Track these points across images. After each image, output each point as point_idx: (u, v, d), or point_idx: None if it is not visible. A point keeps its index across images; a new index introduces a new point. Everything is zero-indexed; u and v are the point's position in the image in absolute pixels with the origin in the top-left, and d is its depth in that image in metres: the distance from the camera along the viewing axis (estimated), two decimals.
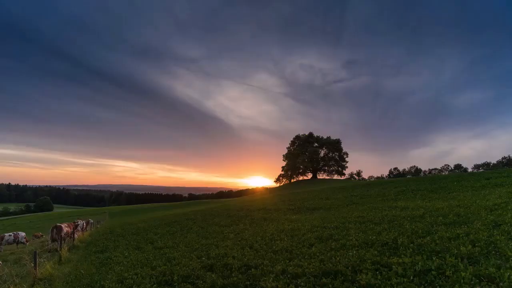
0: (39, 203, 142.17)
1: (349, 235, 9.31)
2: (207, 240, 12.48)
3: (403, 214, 11.62)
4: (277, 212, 20.04)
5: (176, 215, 28.93)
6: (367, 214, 13.32)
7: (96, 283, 7.90)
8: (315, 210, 19.01)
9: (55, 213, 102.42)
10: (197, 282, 6.87)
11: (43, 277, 9.20)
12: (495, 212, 9.65)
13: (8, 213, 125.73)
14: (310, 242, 9.27)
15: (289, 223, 14.10)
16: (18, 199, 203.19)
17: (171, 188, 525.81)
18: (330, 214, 15.35)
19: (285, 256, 7.97)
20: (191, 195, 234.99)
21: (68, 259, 12.35)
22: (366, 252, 7.13)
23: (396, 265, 5.89)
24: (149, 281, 7.34)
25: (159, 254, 10.70)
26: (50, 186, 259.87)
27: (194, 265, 8.23)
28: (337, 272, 6.10)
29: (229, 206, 29.98)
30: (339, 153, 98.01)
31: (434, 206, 12.86)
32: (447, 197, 15.90)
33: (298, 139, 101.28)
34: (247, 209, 23.18)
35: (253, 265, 7.47)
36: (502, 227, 7.52)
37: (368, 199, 20.53)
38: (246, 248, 9.70)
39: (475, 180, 22.05)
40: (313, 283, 5.74)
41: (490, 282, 4.57)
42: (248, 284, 6.27)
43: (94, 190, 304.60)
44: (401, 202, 16.64)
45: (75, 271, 9.82)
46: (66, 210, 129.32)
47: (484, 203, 11.51)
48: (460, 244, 6.60)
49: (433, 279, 4.98)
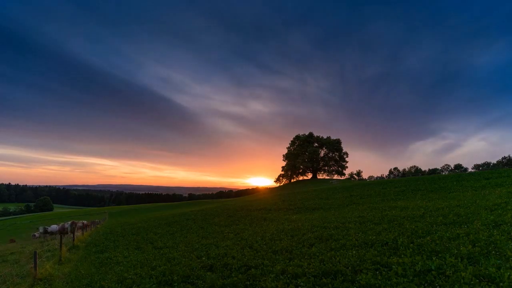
0: (39, 203, 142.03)
1: (349, 235, 9.31)
2: (207, 240, 12.48)
3: (403, 214, 11.62)
4: (277, 212, 20.04)
5: (176, 215, 28.94)
6: (367, 214, 13.32)
7: (96, 283, 7.90)
8: (315, 210, 19.01)
9: (55, 213, 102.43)
10: (197, 282, 6.87)
11: (43, 277, 9.20)
12: (495, 212, 9.65)
13: (8, 213, 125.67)
14: (310, 242, 9.27)
15: (289, 223, 14.10)
16: (18, 199, 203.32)
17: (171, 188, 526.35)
18: (330, 214, 15.35)
19: (285, 256, 7.97)
20: (191, 195, 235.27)
21: (68, 259, 12.35)
22: (366, 252, 7.13)
23: (396, 265, 5.89)
24: (149, 281, 7.34)
25: (159, 254, 10.70)
26: (50, 186, 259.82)
27: (194, 265, 8.23)
28: (337, 272, 6.10)
29: (229, 206, 29.97)
30: (339, 153, 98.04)
31: (434, 206, 12.86)
32: (447, 197, 15.90)
33: (298, 139, 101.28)
34: (247, 209, 23.18)
35: (253, 265, 7.47)
36: (502, 227, 7.52)
37: (368, 199, 20.53)
38: (246, 248, 9.70)
39: (475, 180, 22.06)
40: (313, 283, 5.74)
41: (490, 282, 4.57)
42: (248, 284, 6.27)
43: (94, 190, 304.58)
44: (401, 202, 16.65)
45: (75, 271, 9.82)
46: (66, 210, 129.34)
47: (484, 203, 11.51)
48: (460, 244, 6.60)
49: (433, 279, 4.98)
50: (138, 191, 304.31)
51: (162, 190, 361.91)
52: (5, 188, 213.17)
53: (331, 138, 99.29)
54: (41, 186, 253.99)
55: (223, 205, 35.12)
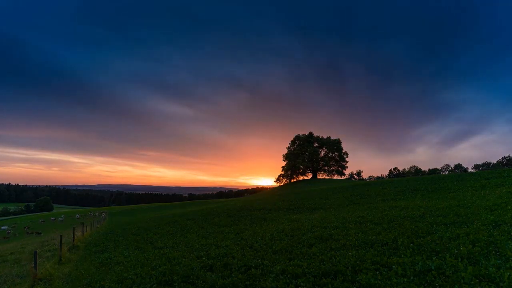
0: (39, 203, 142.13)
1: (349, 235, 9.32)
2: (207, 240, 12.49)
3: (403, 214, 11.63)
4: (277, 212, 20.05)
5: (176, 215, 28.94)
6: (367, 214, 13.32)
7: (96, 283, 7.90)
8: (315, 210, 19.02)
9: (55, 213, 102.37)
10: (197, 282, 6.87)
11: (43, 277, 9.20)
12: (495, 212, 9.65)
13: (8, 213, 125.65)
14: (310, 242, 9.27)
15: (289, 223, 14.11)
16: (18, 199, 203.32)
17: (171, 188, 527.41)
18: (330, 214, 15.35)
19: (285, 256, 7.97)
20: (191, 195, 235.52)
21: (68, 259, 12.35)
22: (366, 252, 7.14)
23: (396, 265, 5.89)
24: (149, 281, 7.34)
25: (159, 254, 10.70)
26: (50, 186, 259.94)
27: (194, 265, 8.23)
28: (337, 272, 6.10)
29: (229, 206, 29.97)
30: (339, 153, 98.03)
31: (434, 206, 12.86)
32: (447, 197, 15.90)
33: (298, 139, 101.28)
34: (247, 209, 23.18)
35: (253, 265, 7.47)
36: (502, 227, 7.52)
37: (368, 199, 20.54)
38: (246, 248, 9.71)
39: (475, 180, 22.06)
40: (313, 283, 5.74)
41: (490, 282, 4.57)
42: (248, 284, 6.27)
43: (94, 190, 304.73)
44: (401, 202, 16.65)
45: (75, 271, 9.82)
46: (66, 210, 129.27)
47: (484, 203, 11.51)
48: (460, 244, 6.61)
49: (433, 279, 4.98)
50: (138, 191, 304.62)
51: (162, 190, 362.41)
52: (5, 188, 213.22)
53: (331, 138, 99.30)
54: (41, 186, 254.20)
55: (223, 205, 35.12)
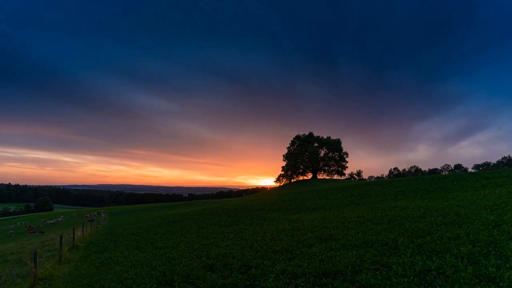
0: (39, 203, 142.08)
1: (349, 235, 9.32)
2: (207, 240, 12.49)
3: (403, 214, 11.63)
4: (277, 212, 20.05)
5: (176, 215, 28.94)
6: (367, 214, 13.32)
7: (96, 283, 7.90)
8: (315, 210, 19.02)
9: (55, 213, 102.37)
10: (197, 282, 6.87)
11: (44, 277, 9.21)
12: (495, 212, 9.65)
13: (8, 213, 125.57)
14: (310, 242, 9.28)
15: (289, 223, 14.11)
16: (18, 199, 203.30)
17: (171, 188, 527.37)
18: (330, 214, 15.36)
19: (285, 256, 7.97)
20: (191, 195, 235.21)
21: (68, 259, 12.35)
22: (366, 252, 7.14)
23: (396, 265, 5.90)
24: (149, 281, 7.34)
25: (159, 254, 10.70)
26: (50, 186, 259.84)
27: (194, 265, 8.23)
28: (337, 272, 6.10)
29: (229, 206, 29.98)
30: (339, 153, 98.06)
31: (434, 206, 12.86)
32: (447, 197, 15.90)
33: (298, 139, 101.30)
34: (247, 209, 23.18)
35: (253, 265, 7.47)
36: (502, 227, 7.52)
37: (368, 199, 20.54)
38: (246, 248, 9.71)
39: (475, 180, 22.07)
40: (313, 283, 5.74)
41: (490, 282, 4.57)
42: (248, 284, 6.27)
43: (94, 190, 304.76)
44: (401, 202, 16.66)
45: (75, 271, 9.83)
46: (66, 210, 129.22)
47: (484, 203, 11.52)
48: (460, 244, 6.61)
49: (433, 279, 4.98)
50: (138, 191, 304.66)
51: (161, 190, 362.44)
52: (5, 188, 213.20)
53: (331, 138, 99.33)
54: (41, 186, 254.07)
55: (223, 205, 35.12)
